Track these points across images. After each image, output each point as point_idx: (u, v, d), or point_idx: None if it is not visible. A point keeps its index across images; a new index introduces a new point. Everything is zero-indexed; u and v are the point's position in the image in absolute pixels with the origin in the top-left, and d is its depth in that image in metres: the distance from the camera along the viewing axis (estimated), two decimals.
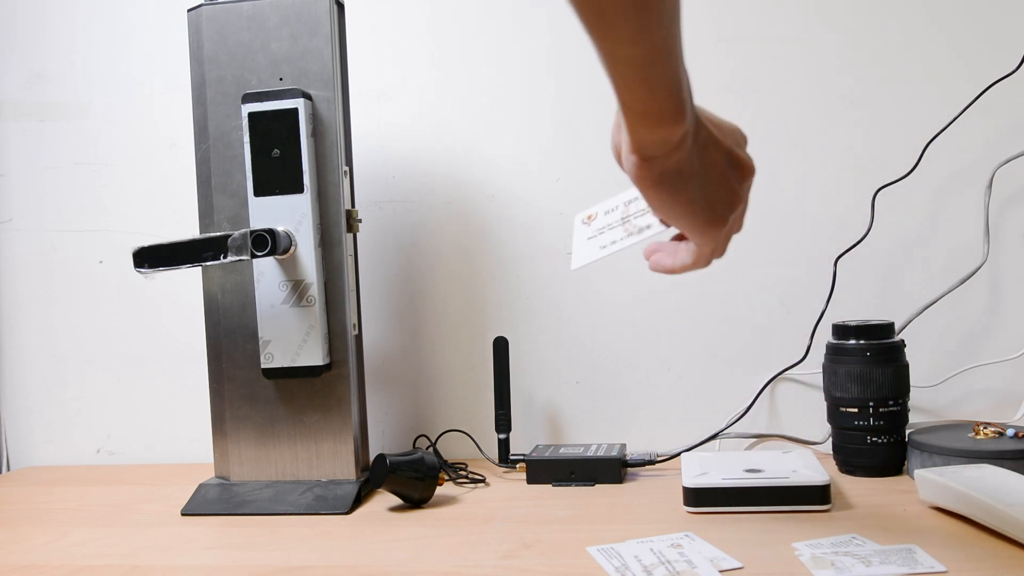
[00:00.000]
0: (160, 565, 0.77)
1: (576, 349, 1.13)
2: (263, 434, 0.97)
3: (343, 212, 0.96)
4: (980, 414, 1.05)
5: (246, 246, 0.90)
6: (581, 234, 0.74)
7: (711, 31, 1.09)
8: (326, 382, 0.96)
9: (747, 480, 0.83)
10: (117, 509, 0.97)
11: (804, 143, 1.08)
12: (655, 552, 0.72)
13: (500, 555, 0.75)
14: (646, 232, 0.69)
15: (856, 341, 0.93)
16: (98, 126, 1.22)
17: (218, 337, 0.98)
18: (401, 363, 1.16)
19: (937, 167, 1.05)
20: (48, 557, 0.81)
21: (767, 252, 1.09)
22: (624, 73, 0.51)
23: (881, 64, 1.07)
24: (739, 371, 1.10)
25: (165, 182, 1.20)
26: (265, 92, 0.94)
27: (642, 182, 0.57)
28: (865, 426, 0.92)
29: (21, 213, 1.24)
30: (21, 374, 1.25)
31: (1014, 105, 1.04)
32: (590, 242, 0.72)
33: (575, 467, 0.97)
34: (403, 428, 1.16)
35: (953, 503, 0.77)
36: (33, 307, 1.24)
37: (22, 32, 1.23)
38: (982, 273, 1.04)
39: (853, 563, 0.67)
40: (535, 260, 1.14)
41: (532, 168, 1.13)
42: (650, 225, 0.68)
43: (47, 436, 1.24)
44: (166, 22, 1.20)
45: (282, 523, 0.88)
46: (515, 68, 1.13)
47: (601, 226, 0.73)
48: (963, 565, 0.66)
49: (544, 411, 1.14)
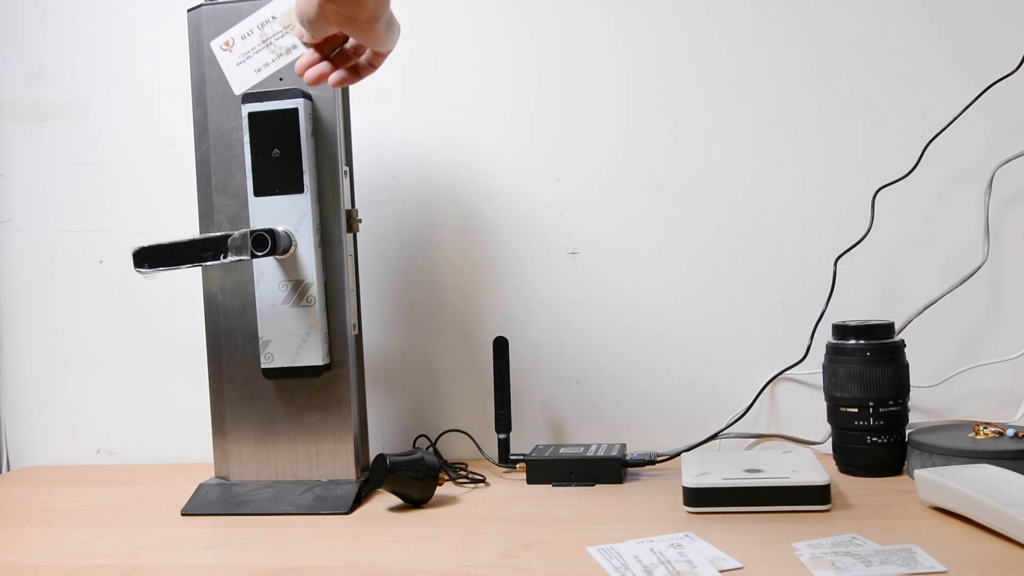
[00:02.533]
0: (160, 565, 0.77)
1: (576, 349, 1.13)
2: (263, 434, 0.97)
3: (343, 212, 0.96)
4: (980, 414, 1.05)
5: (246, 246, 0.90)
6: (228, 60, 0.81)
7: (711, 31, 1.09)
8: (326, 382, 0.96)
9: (747, 480, 0.83)
10: (117, 509, 0.97)
11: (804, 143, 1.08)
12: (655, 552, 0.72)
13: (500, 555, 0.75)
14: (293, 52, 0.78)
15: (856, 341, 0.93)
16: (98, 126, 1.22)
17: (218, 337, 0.98)
18: (401, 363, 1.16)
19: (937, 167, 1.05)
20: (48, 557, 0.81)
21: (767, 252, 1.09)
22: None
23: (881, 64, 1.07)
24: (739, 371, 1.10)
25: (165, 182, 1.20)
26: (265, 92, 0.94)
27: (375, 35, 0.70)
28: (865, 426, 0.92)
29: (21, 213, 1.24)
30: (21, 374, 1.25)
31: (1014, 105, 1.04)
32: (241, 67, 0.79)
33: (575, 467, 0.97)
34: (403, 428, 1.16)
35: (953, 503, 0.77)
36: (33, 307, 1.24)
37: (22, 32, 1.23)
38: (982, 273, 1.04)
39: (853, 563, 0.67)
40: (535, 260, 1.14)
41: (532, 168, 1.13)
42: (296, 45, 0.77)
43: (47, 436, 1.24)
44: (166, 22, 1.20)
45: (282, 523, 0.88)
46: (515, 67, 1.13)
47: (245, 50, 0.80)
48: (963, 565, 0.66)
49: (544, 411, 1.14)
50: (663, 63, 1.10)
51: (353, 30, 0.69)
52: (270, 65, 0.80)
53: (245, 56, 0.80)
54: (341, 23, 0.68)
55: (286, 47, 0.79)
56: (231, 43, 0.81)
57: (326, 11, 0.67)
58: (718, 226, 1.10)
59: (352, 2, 0.65)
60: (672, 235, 1.11)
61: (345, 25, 0.68)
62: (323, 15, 0.67)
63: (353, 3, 0.65)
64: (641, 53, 1.11)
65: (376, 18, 0.67)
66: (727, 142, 1.09)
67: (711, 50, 1.09)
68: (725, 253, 1.10)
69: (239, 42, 0.81)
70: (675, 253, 1.11)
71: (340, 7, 0.66)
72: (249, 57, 0.80)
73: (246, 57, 0.80)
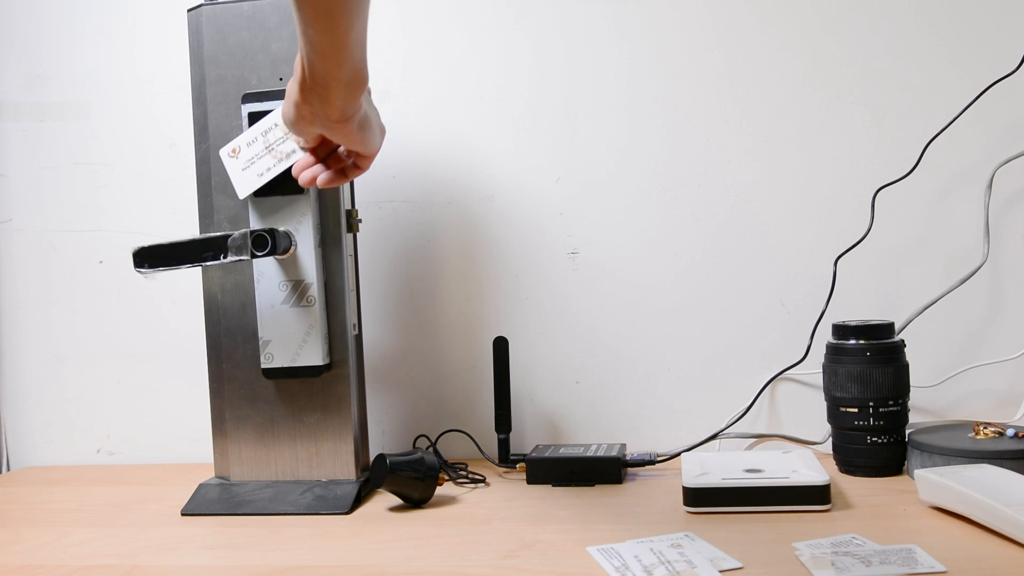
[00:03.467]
0: (160, 565, 0.77)
1: (576, 349, 1.13)
2: (263, 434, 0.97)
3: (343, 212, 0.96)
4: (980, 414, 1.05)
5: (246, 246, 0.90)
6: (234, 167, 0.85)
7: (711, 31, 1.09)
8: (326, 382, 0.96)
9: (747, 480, 0.83)
10: (117, 509, 0.97)
11: (804, 143, 1.08)
12: (655, 552, 0.72)
13: (500, 555, 0.75)
14: (293, 157, 0.83)
15: (856, 341, 0.93)
16: (98, 126, 1.22)
17: (218, 337, 0.98)
18: (401, 363, 1.16)
19: (937, 167, 1.05)
20: (48, 557, 0.81)
21: (767, 252, 1.09)
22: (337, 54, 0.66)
23: (881, 64, 1.07)
24: (739, 371, 1.10)
25: (165, 182, 1.20)
26: (265, 92, 0.94)
27: (348, 135, 0.74)
28: (865, 426, 0.92)
29: (21, 213, 1.24)
30: (21, 374, 1.25)
31: (1014, 105, 1.04)
32: (245, 172, 0.83)
33: (575, 467, 0.97)
34: (403, 428, 1.16)
35: (953, 503, 0.77)
36: (33, 307, 1.24)
37: (22, 32, 1.23)
38: (982, 273, 1.04)
39: (853, 563, 0.67)
40: (535, 260, 1.14)
41: (532, 168, 1.13)
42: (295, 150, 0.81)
43: (47, 436, 1.24)
44: (166, 22, 1.20)
45: (282, 523, 0.88)
46: (515, 68, 1.13)
47: (250, 156, 0.84)
48: (963, 565, 0.66)
49: (544, 411, 1.14)
50: (663, 63, 1.10)
51: (328, 130, 0.74)
52: (272, 169, 0.84)
53: (249, 162, 0.84)
54: (317, 124, 0.73)
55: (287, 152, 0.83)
56: (238, 150, 0.86)
57: (302, 112, 0.72)
58: (718, 226, 1.10)
59: (322, 103, 0.70)
60: (672, 235, 1.11)
61: (321, 126, 0.73)
62: (300, 116, 0.73)
63: (323, 103, 0.70)
64: (641, 53, 1.11)
65: (346, 118, 0.72)
66: (727, 142, 1.09)
67: (711, 50, 1.09)
68: (725, 253, 1.10)
69: (244, 149, 0.85)
70: (675, 253, 1.11)
71: (313, 107, 0.71)
72: (253, 163, 0.84)
73: (250, 163, 0.84)
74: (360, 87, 0.70)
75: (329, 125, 0.73)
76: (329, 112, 0.71)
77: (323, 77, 0.68)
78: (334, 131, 0.74)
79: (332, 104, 0.70)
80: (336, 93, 0.69)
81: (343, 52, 0.66)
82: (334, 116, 0.71)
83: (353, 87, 0.70)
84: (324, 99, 0.70)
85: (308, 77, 0.69)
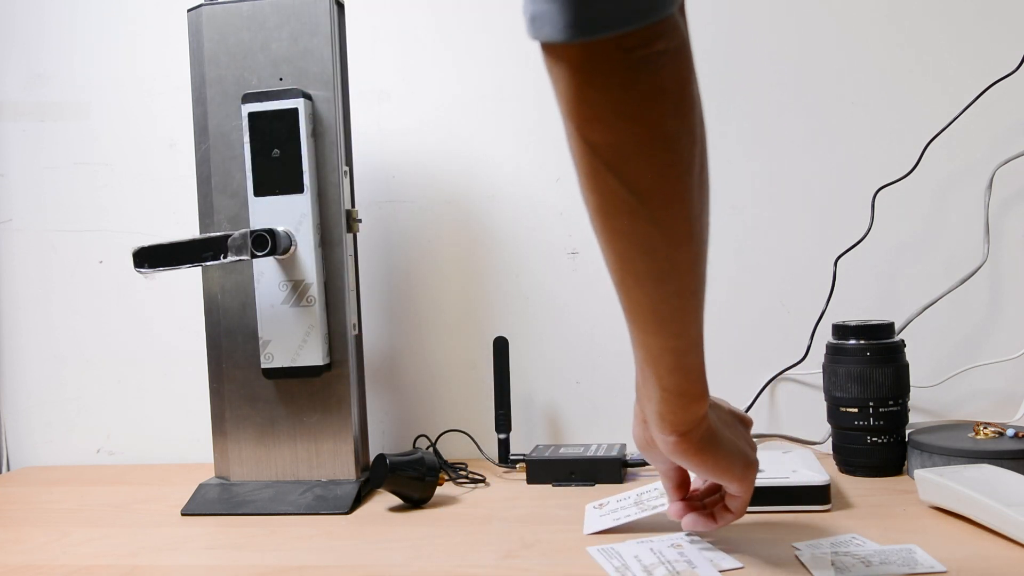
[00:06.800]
0: (160, 565, 0.77)
1: (576, 349, 1.13)
2: (263, 434, 0.97)
3: (343, 212, 0.96)
4: (980, 414, 1.05)
5: (246, 246, 0.90)
6: (593, 514, 0.83)
7: (711, 31, 1.09)
8: (326, 382, 0.96)
9: None
10: (117, 509, 0.97)
11: (804, 143, 1.08)
12: (655, 552, 0.72)
13: (500, 555, 0.75)
14: (658, 508, 0.79)
15: (856, 341, 0.93)
16: (98, 126, 1.22)
17: (218, 337, 0.98)
18: (401, 363, 1.16)
19: (937, 167, 1.05)
20: (48, 557, 0.81)
21: (767, 252, 1.09)
22: (668, 362, 0.62)
23: (881, 64, 1.07)
24: (739, 371, 1.10)
25: (165, 182, 1.20)
26: (265, 92, 0.94)
27: (684, 454, 0.65)
28: (865, 426, 0.92)
29: (21, 213, 1.24)
30: (21, 374, 1.25)
31: (1014, 105, 1.04)
32: (603, 518, 0.81)
33: (575, 467, 0.97)
34: (403, 428, 1.16)
35: (953, 503, 0.77)
36: (33, 307, 1.24)
37: (22, 32, 1.23)
38: (982, 273, 1.04)
39: (853, 563, 0.67)
40: (535, 260, 1.14)
41: (532, 168, 1.13)
42: (664, 504, 0.76)
43: (47, 436, 1.24)
44: (166, 22, 1.20)
45: (282, 523, 0.88)
46: (515, 68, 1.13)
47: (614, 508, 0.82)
48: (963, 565, 0.66)
49: (544, 411, 1.14)
50: None
51: (667, 449, 0.67)
52: (631, 516, 0.79)
53: (612, 512, 0.82)
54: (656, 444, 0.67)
55: (655, 505, 0.80)
56: (605, 504, 0.84)
57: (642, 431, 0.69)
58: (718, 226, 1.10)
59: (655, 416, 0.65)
60: None
61: (661, 444, 0.66)
62: (640, 434, 0.69)
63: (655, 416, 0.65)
64: None
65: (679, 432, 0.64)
66: (727, 142, 1.09)
67: (710, 50, 1.09)
68: (725, 253, 1.10)
69: (613, 503, 0.84)
70: None
71: (648, 420, 0.66)
72: (615, 511, 0.82)
73: (611, 512, 0.82)
74: (691, 399, 0.63)
75: (665, 443, 0.65)
76: (662, 425, 0.65)
77: (653, 383, 0.63)
78: (672, 449, 0.65)
79: (664, 413, 0.64)
80: (666, 400, 0.63)
81: (670, 355, 0.62)
82: (666, 429, 0.65)
83: (684, 398, 0.63)
84: (655, 410, 0.64)
85: (640, 382, 0.65)
